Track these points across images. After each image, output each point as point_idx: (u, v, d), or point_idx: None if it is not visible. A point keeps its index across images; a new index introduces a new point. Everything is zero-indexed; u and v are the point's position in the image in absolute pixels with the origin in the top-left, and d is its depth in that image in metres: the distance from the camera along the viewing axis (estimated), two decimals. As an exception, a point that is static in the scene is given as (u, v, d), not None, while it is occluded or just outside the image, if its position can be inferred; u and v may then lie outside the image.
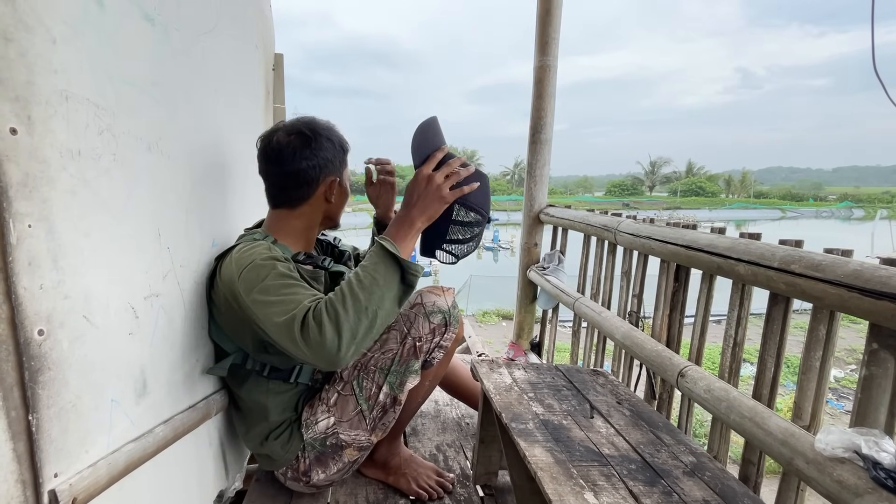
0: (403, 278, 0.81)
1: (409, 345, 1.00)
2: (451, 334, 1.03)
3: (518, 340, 2.31)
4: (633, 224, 1.41)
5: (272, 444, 1.00)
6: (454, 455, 1.42)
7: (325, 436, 1.00)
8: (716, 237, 1.02)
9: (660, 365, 1.17)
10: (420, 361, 1.01)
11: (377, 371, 1.00)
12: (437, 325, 1.01)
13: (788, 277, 0.78)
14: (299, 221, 1.01)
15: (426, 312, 1.01)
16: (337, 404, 1.01)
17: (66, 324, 0.55)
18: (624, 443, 0.94)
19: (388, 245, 0.82)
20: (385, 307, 0.80)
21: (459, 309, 1.07)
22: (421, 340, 1.00)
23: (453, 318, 1.03)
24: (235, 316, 0.88)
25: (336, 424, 1.00)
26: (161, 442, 0.76)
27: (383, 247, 0.82)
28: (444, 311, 1.02)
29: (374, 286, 0.78)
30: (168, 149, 0.81)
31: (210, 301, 0.95)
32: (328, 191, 0.99)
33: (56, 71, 0.54)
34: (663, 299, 1.30)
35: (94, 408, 0.61)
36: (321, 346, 0.74)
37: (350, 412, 1.00)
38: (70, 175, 0.56)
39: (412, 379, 1.01)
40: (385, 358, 1.00)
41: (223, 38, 1.11)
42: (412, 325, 1.00)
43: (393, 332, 1.00)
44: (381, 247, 0.82)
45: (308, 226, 1.02)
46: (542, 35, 1.97)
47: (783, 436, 0.77)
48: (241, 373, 0.98)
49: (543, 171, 2.15)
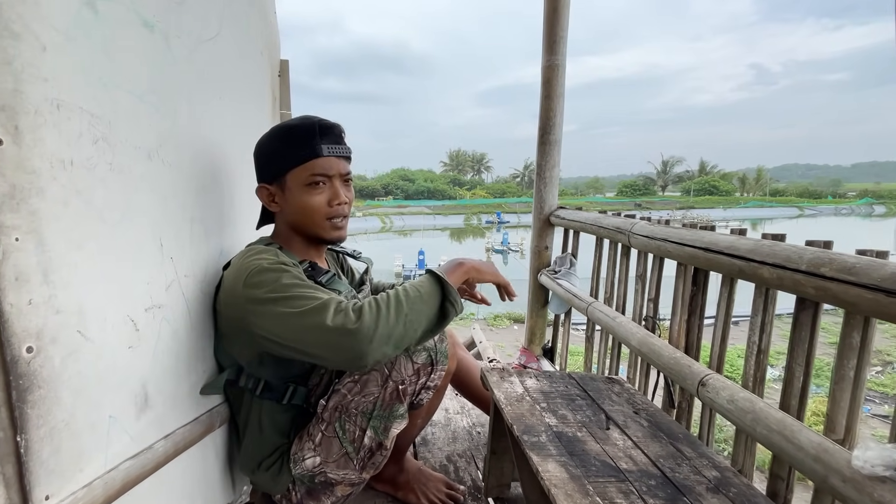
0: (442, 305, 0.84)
1: (391, 388, 0.90)
2: (438, 374, 0.94)
3: (530, 346, 2.26)
4: (648, 226, 1.36)
5: (263, 474, 0.96)
6: (465, 466, 1.39)
7: (312, 473, 0.94)
8: (737, 238, 0.97)
9: (678, 373, 1.12)
10: (406, 405, 0.93)
11: (359, 414, 0.91)
12: (422, 365, 0.92)
13: (818, 281, 0.73)
14: (282, 234, 0.98)
15: (408, 352, 0.91)
16: (322, 444, 0.93)
17: (59, 339, 0.54)
18: (642, 456, 0.89)
19: (437, 270, 0.87)
20: (422, 326, 0.81)
21: (447, 342, 0.96)
22: (404, 383, 0.90)
23: (440, 355, 0.93)
24: (234, 325, 0.86)
25: (323, 464, 0.93)
26: (161, 457, 0.74)
27: (431, 271, 0.87)
28: (429, 349, 0.92)
29: (418, 300, 0.80)
30: (170, 157, 0.80)
31: (213, 312, 0.93)
32: (266, 199, 0.95)
33: (46, 79, 0.52)
34: (681, 304, 1.25)
35: (89, 425, 0.59)
36: (356, 332, 0.73)
37: (335, 453, 0.93)
38: (61, 185, 0.54)
39: (398, 423, 0.92)
40: (366, 401, 0.91)
41: (227, 45, 1.10)
42: (393, 367, 0.90)
43: (373, 374, 0.91)
44: (429, 271, 0.87)
45: (289, 238, 0.98)
46: (550, 34, 1.93)
47: (816, 451, 0.71)
48: (234, 390, 0.95)
49: (553, 172, 2.11)
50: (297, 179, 0.89)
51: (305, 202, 0.90)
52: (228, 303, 0.85)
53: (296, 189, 0.90)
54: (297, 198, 0.90)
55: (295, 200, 0.91)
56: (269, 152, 0.93)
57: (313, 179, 0.89)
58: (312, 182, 0.89)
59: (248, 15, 1.31)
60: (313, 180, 0.89)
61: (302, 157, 0.88)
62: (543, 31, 1.97)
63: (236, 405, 0.97)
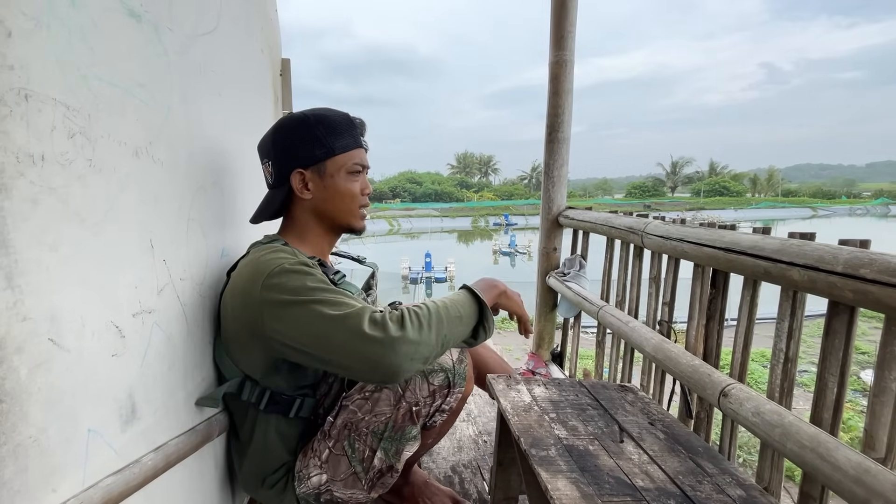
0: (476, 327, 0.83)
1: (405, 409, 0.85)
2: (455, 396, 0.89)
3: (538, 350, 2.20)
4: (663, 226, 1.30)
5: (267, 491, 0.91)
6: (470, 477, 1.33)
7: (318, 492, 0.89)
8: (761, 238, 0.91)
9: (697, 382, 1.05)
10: (418, 427, 0.88)
11: (369, 434, 0.87)
12: (439, 387, 0.87)
13: (857, 284, 0.67)
14: (297, 225, 0.94)
15: (425, 371, 0.87)
16: (329, 462, 0.88)
17: (25, 349, 0.49)
18: (659, 472, 0.83)
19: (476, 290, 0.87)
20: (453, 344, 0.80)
21: (466, 363, 0.91)
22: (418, 405, 0.86)
23: (458, 377, 0.88)
24: (246, 330, 0.81)
25: (329, 482, 0.88)
26: (150, 471, 0.69)
27: (471, 290, 0.87)
28: (446, 369, 0.87)
29: (457, 321, 0.80)
30: (161, 154, 0.76)
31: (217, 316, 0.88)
32: (299, 185, 0.91)
33: (12, 67, 0.48)
34: (698, 308, 1.18)
35: (63, 441, 0.55)
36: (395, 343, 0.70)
37: (343, 471, 0.88)
38: (29, 182, 0.50)
39: (410, 446, 0.88)
40: (377, 421, 0.86)
41: (226, 40, 1.06)
42: (408, 386, 0.86)
43: (385, 392, 0.87)
44: (468, 288, 0.87)
45: (304, 229, 0.93)
46: (558, 29, 1.88)
47: (856, 472, 0.65)
48: (236, 404, 0.90)
49: (562, 171, 2.05)
50: (339, 166, 0.90)
51: (347, 188, 0.91)
52: (240, 305, 0.80)
53: (337, 175, 0.90)
54: (338, 184, 0.90)
55: (336, 186, 0.90)
56: (309, 137, 0.89)
57: (355, 168, 0.91)
58: (354, 170, 0.91)
59: (248, 11, 1.27)
60: (355, 168, 0.91)
61: (347, 144, 0.90)
62: (551, 26, 1.91)
63: (239, 419, 0.91)
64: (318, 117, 0.89)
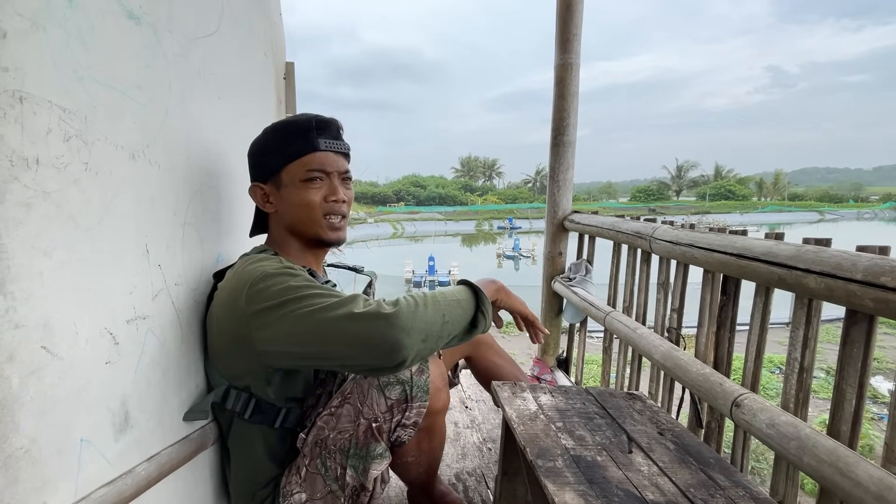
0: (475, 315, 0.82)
1: (364, 426, 0.81)
2: (415, 411, 0.81)
3: (543, 356, 2.17)
4: (671, 230, 1.27)
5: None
6: (475, 485, 1.31)
7: None
8: (774, 244, 0.88)
9: (708, 391, 1.03)
10: (383, 444, 0.83)
11: (338, 452, 0.82)
12: (396, 401, 0.80)
13: (878, 293, 0.64)
14: (277, 239, 0.92)
15: (379, 384, 0.81)
16: (307, 480, 0.84)
17: (17, 357, 0.48)
18: (670, 485, 0.80)
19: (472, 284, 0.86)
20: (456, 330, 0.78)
21: (427, 375, 0.83)
22: (377, 421, 0.80)
23: (417, 389, 0.81)
24: (234, 344, 0.79)
25: (309, 501, 0.84)
26: (143, 482, 0.68)
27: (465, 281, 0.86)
28: (403, 381, 0.81)
29: (455, 303, 0.78)
30: (159, 158, 0.75)
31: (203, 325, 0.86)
32: (261, 200, 0.90)
33: (6, 69, 0.47)
34: (708, 314, 1.15)
35: (55, 451, 0.53)
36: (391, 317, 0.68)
37: (320, 490, 0.84)
38: (23, 186, 0.49)
39: (377, 464, 0.82)
40: (342, 438, 0.82)
41: (227, 44, 1.05)
42: (365, 401, 0.81)
43: (346, 406, 0.82)
44: (463, 281, 0.86)
45: (284, 243, 0.91)
46: (563, 31, 1.86)
47: (878, 489, 0.62)
48: (222, 414, 0.88)
49: (567, 175, 2.03)
50: (292, 175, 0.85)
51: (301, 198, 0.85)
52: (226, 317, 0.78)
53: (291, 185, 0.85)
54: (292, 194, 0.85)
55: (291, 197, 0.85)
56: (263, 149, 0.88)
57: (309, 175, 0.85)
58: (308, 178, 0.85)
59: (251, 15, 1.27)
60: (309, 175, 0.85)
61: (298, 151, 0.84)
62: (556, 28, 1.90)
63: (225, 428, 0.89)
64: (276, 126, 0.88)
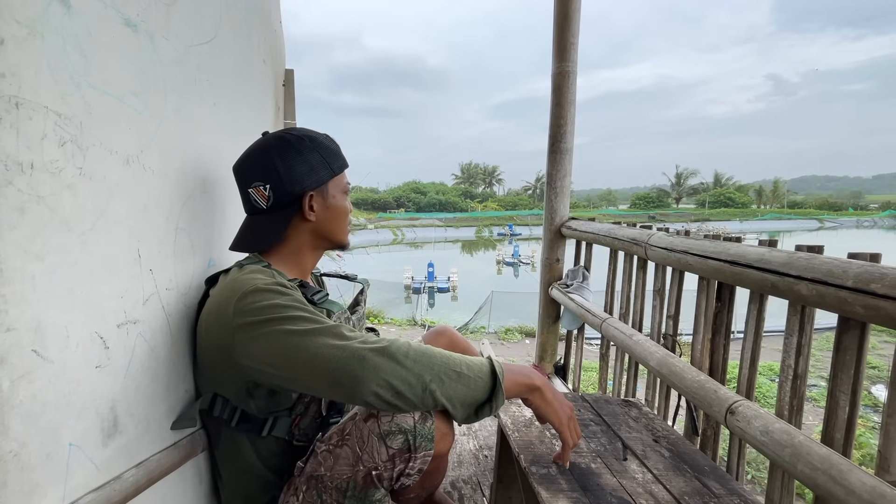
0: (484, 402, 0.76)
1: (363, 472, 0.76)
2: (419, 460, 0.77)
3: (541, 363, 2.17)
4: (666, 237, 1.28)
5: None
6: (470, 493, 1.30)
7: None
8: (767, 251, 0.88)
9: (703, 398, 1.02)
10: (383, 490, 0.79)
11: (334, 490, 0.79)
12: (399, 451, 0.75)
13: (868, 299, 0.64)
14: (288, 247, 0.92)
15: (380, 432, 0.75)
16: None
17: (8, 361, 0.48)
18: (664, 492, 0.80)
19: (497, 366, 0.78)
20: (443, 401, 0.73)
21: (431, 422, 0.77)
22: (377, 469, 0.76)
23: (421, 439, 0.75)
24: (219, 353, 0.78)
25: None
26: (131, 488, 0.67)
27: (493, 361, 0.79)
28: (406, 431, 0.75)
29: (456, 375, 0.74)
30: (152, 163, 0.75)
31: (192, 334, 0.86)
32: (306, 208, 0.89)
33: (3, 75, 0.48)
34: (703, 321, 1.15)
35: (45, 456, 0.53)
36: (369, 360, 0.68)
37: None
38: (17, 190, 0.49)
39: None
40: (339, 479, 0.78)
41: (224, 51, 1.06)
42: (365, 447, 0.76)
43: (345, 448, 0.78)
44: (490, 360, 0.79)
45: (295, 250, 0.92)
46: (560, 40, 1.88)
47: (870, 496, 0.62)
48: (209, 420, 0.87)
49: (564, 182, 2.04)
50: (338, 186, 0.94)
51: (345, 207, 0.96)
52: (214, 327, 0.78)
53: (338, 195, 0.94)
54: (338, 203, 0.94)
55: (337, 206, 0.94)
56: (313, 160, 0.90)
57: (347, 187, 0.98)
58: (346, 190, 0.97)
59: (250, 22, 1.28)
60: (347, 188, 0.98)
61: (343, 164, 0.96)
62: (553, 37, 1.92)
63: (213, 436, 0.88)
64: (313, 139, 0.92)
